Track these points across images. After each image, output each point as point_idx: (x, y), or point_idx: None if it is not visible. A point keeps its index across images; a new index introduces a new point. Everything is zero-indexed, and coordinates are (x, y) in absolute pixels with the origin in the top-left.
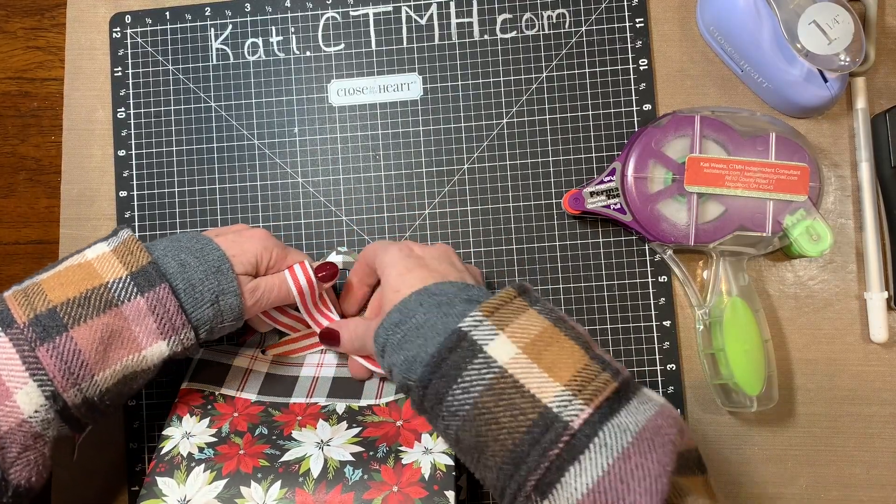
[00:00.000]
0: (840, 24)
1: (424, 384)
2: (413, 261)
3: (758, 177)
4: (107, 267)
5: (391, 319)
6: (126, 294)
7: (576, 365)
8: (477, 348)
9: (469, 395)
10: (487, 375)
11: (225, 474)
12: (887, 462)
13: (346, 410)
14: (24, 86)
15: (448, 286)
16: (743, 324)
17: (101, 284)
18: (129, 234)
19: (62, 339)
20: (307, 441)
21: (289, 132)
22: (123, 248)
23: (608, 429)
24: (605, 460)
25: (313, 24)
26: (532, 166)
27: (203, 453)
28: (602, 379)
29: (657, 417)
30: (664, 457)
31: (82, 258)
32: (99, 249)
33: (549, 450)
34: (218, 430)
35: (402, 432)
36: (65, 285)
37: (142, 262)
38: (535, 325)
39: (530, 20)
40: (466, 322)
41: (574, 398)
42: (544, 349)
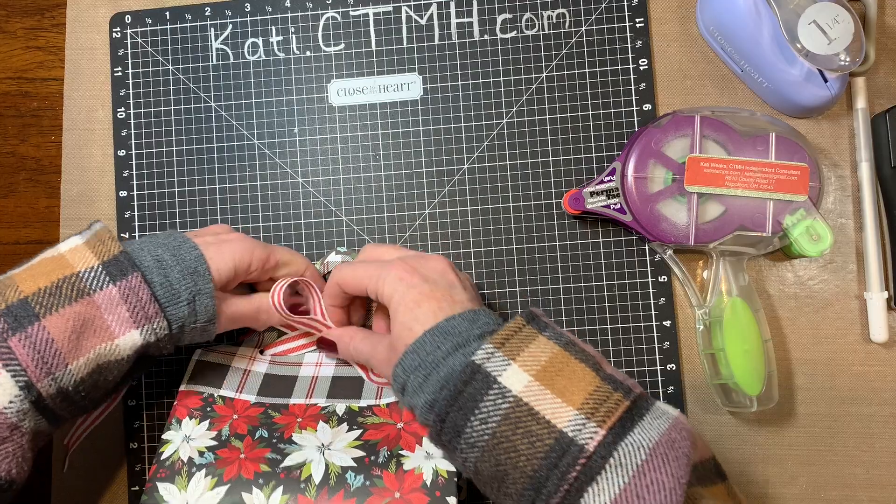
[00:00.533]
0: (840, 24)
1: (442, 418)
2: (417, 292)
3: (758, 177)
4: (78, 257)
5: (410, 362)
6: (98, 283)
7: (587, 388)
8: (491, 379)
9: (487, 426)
10: (503, 405)
11: (226, 480)
12: (887, 462)
13: (346, 411)
14: (24, 86)
15: (459, 322)
16: (743, 324)
17: (72, 274)
18: (102, 227)
19: (34, 329)
20: (308, 445)
21: (289, 132)
22: (95, 239)
23: (622, 448)
24: (621, 479)
25: (313, 24)
26: (532, 166)
27: (204, 458)
28: (614, 399)
29: (671, 431)
30: (678, 469)
31: (55, 252)
32: (72, 242)
33: (567, 473)
34: (218, 433)
35: (403, 435)
36: (36, 276)
37: (113, 251)
38: (545, 352)
39: (530, 20)
40: (479, 355)
41: (588, 421)
42: (556, 375)
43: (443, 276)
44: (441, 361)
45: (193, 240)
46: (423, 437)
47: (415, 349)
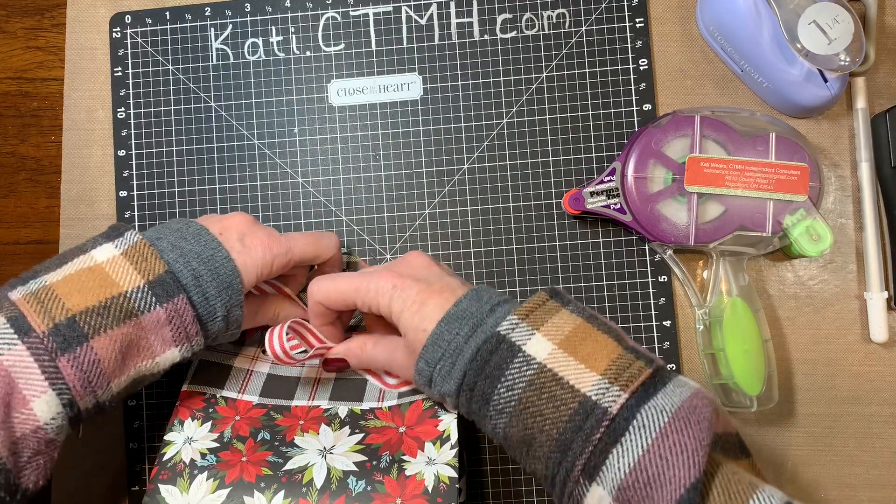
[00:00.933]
0: (840, 24)
1: (471, 387)
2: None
3: (758, 177)
4: (121, 273)
5: (432, 355)
6: (145, 304)
7: (610, 356)
8: (516, 348)
9: (513, 392)
10: (528, 372)
11: (228, 483)
12: (887, 462)
13: (348, 414)
14: (24, 86)
15: (467, 304)
16: (743, 324)
17: (119, 294)
18: (139, 238)
19: (83, 350)
20: (310, 448)
21: (289, 132)
22: (135, 252)
23: (645, 411)
24: (644, 440)
25: (313, 24)
26: (532, 166)
27: (205, 460)
28: (636, 367)
29: (693, 398)
30: (700, 433)
31: (91, 260)
32: (107, 251)
33: (591, 435)
34: (220, 435)
35: (404, 439)
36: (82, 292)
37: (158, 270)
38: (568, 323)
39: (530, 20)
40: (504, 326)
41: (611, 385)
42: (579, 344)
43: (429, 270)
44: (464, 345)
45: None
46: (424, 441)
47: (434, 341)
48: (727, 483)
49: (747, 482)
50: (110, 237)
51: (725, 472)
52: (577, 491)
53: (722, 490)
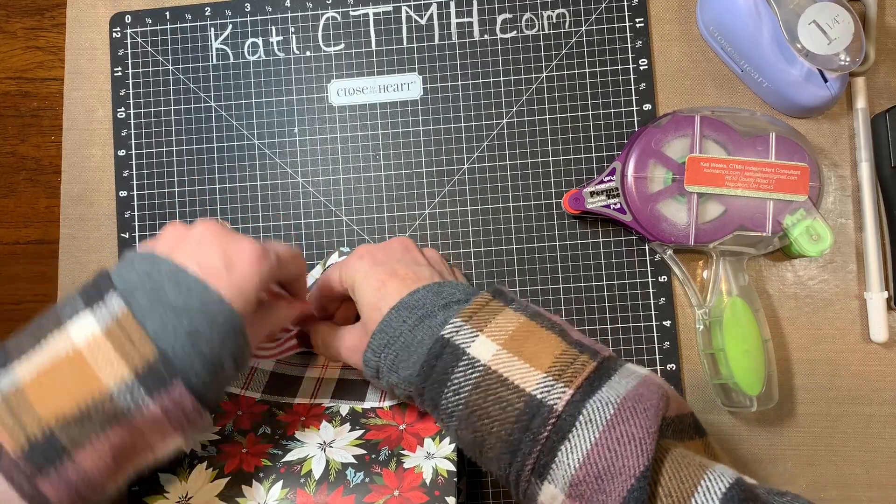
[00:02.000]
0: (840, 24)
1: (420, 392)
2: (381, 270)
3: (758, 177)
4: (103, 363)
5: (378, 342)
6: (134, 401)
7: (554, 352)
8: (460, 351)
9: (460, 396)
10: (473, 375)
11: (227, 473)
12: (887, 462)
13: (349, 412)
14: (24, 86)
15: (423, 294)
16: (743, 324)
17: (101, 395)
18: (122, 308)
19: (66, 468)
20: (310, 442)
21: (289, 132)
22: (118, 330)
23: (591, 405)
24: (591, 434)
25: (313, 24)
26: (532, 166)
27: (206, 451)
28: (580, 361)
29: (639, 387)
30: (647, 420)
31: (68, 344)
32: (86, 328)
33: (538, 434)
34: (222, 429)
35: (404, 436)
36: (56, 394)
37: (147, 355)
38: (511, 322)
39: (530, 20)
40: (448, 329)
41: (556, 382)
42: (523, 343)
43: (406, 254)
44: (408, 335)
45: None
46: (424, 437)
47: (382, 328)
48: (677, 467)
49: (697, 464)
50: (89, 300)
51: (675, 457)
52: (531, 490)
53: (672, 475)
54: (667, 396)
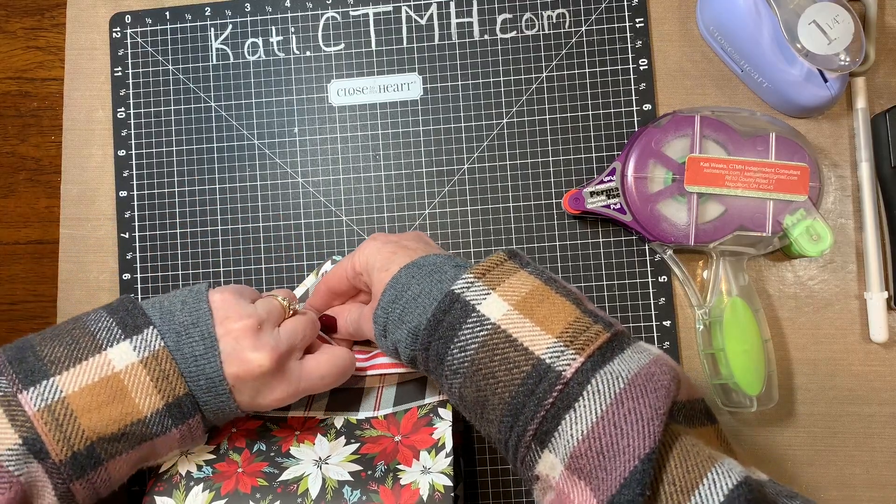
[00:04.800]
0: (840, 24)
1: (426, 346)
2: (393, 245)
3: (758, 177)
4: (141, 392)
5: (387, 297)
6: (162, 428)
7: (567, 318)
8: (470, 308)
9: (466, 353)
10: (481, 333)
11: (224, 494)
12: (887, 462)
13: (344, 424)
14: (24, 86)
15: (434, 257)
16: (743, 324)
17: (139, 420)
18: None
19: (97, 473)
20: (305, 458)
21: (289, 132)
22: (156, 365)
23: (600, 376)
24: (598, 406)
25: (313, 24)
26: (532, 166)
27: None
28: (594, 330)
29: (651, 365)
30: (657, 401)
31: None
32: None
33: (544, 399)
34: (216, 447)
35: (400, 448)
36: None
37: (178, 392)
38: (525, 284)
39: (530, 20)
40: (459, 284)
41: (566, 348)
42: (536, 305)
43: (417, 242)
44: (416, 287)
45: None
46: (420, 450)
47: (391, 284)
48: (685, 455)
49: (706, 455)
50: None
51: (684, 444)
52: (529, 456)
53: (679, 462)
54: (678, 378)
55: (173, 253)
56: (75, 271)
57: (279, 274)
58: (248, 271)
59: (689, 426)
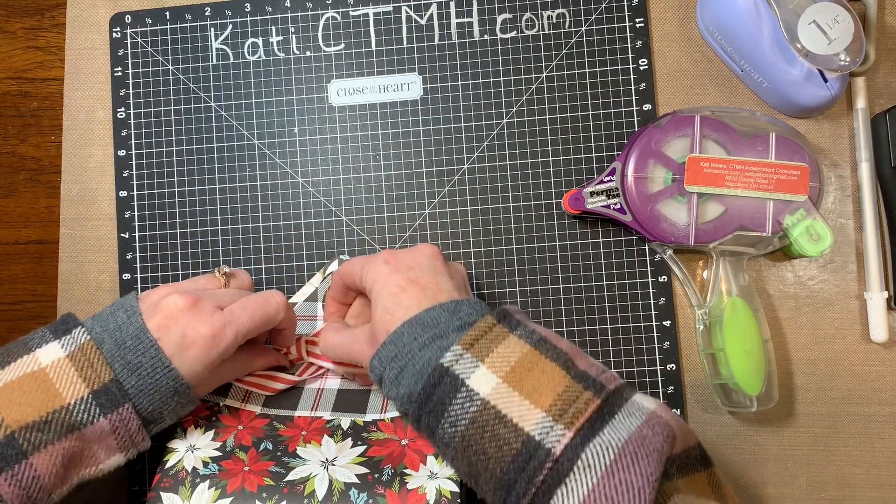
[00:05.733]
0: (840, 24)
1: (416, 419)
2: (403, 276)
3: (758, 177)
4: (65, 381)
5: (387, 353)
6: (88, 416)
7: (556, 388)
8: (459, 382)
9: (456, 429)
10: (471, 409)
11: (230, 492)
12: (887, 462)
13: (350, 426)
14: (24, 86)
15: (440, 313)
16: (743, 324)
17: (62, 407)
18: (86, 338)
19: (21, 468)
20: (312, 459)
21: (289, 132)
22: (81, 356)
23: (590, 449)
24: (589, 480)
25: (313, 24)
26: (532, 166)
27: (208, 468)
28: (584, 399)
29: (643, 428)
30: (648, 468)
31: (35, 363)
32: (52, 353)
33: (534, 477)
34: (223, 444)
35: (407, 452)
36: (21, 404)
37: (104, 378)
38: (514, 353)
39: (530, 20)
40: (447, 357)
41: (555, 423)
42: (525, 375)
43: (430, 263)
44: (416, 354)
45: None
46: (427, 455)
47: (392, 340)
48: None
49: None
50: (57, 333)
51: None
52: None
53: None
54: (673, 435)
55: (173, 253)
56: (75, 271)
57: (279, 274)
58: (248, 271)
59: (682, 476)
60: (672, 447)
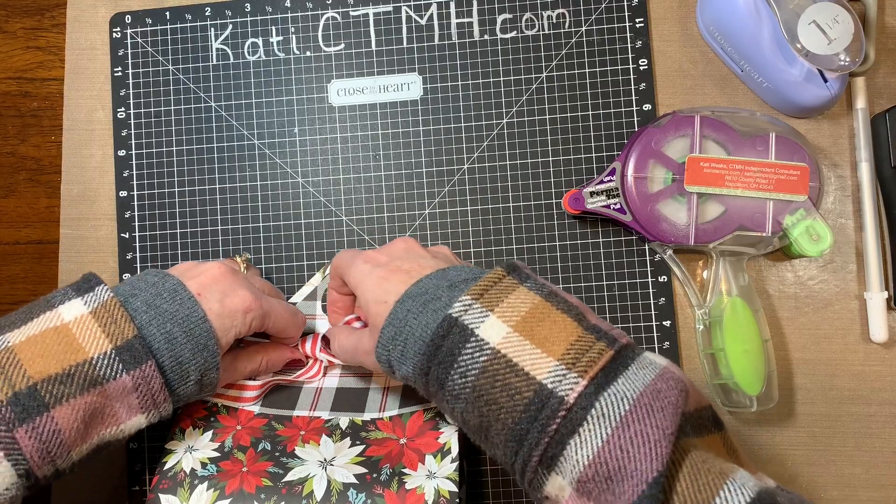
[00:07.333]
0: (840, 24)
1: (425, 371)
2: (383, 269)
3: (758, 177)
4: (88, 337)
5: (387, 335)
6: (111, 372)
7: (569, 338)
8: (468, 332)
9: (466, 380)
10: (481, 358)
11: (228, 493)
12: (887, 462)
13: (349, 425)
14: (24, 86)
15: (426, 281)
16: (743, 324)
17: (84, 360)
18: (109, 295)
19: (42, 420)
20: (310, 459)
21: (289, 132)
22: (104, 313)
23: (604, 398)
24: (604, 430)
25: (313, 24)
26: (532, 166)
27: (206, 469)
28: (597, 349)
29: (657, 381)
30: (664, 420)
31: (57, 319)
32: (76, 310)
33: (547, 426)
34: (221, 445)
35: (405, 451)
36: (44, 357)
37: (127, 334)
38: (525, 303)
39: (530, 20)
40: (456, 308)
41: (568, 371)
42: (536, 325)
43: (407, 253)
44: (414, 322)
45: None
46: (425, 454)
47: (389, 321)
48: (696, 473)
49: (717, 471)
50: (80, 291)
51: (694, 461)
52: (537, 479)
53: (690, 482)
54: (686, 390)
55: (173, 253)
56: (75, 271)
57: (279, 274)
58: None
59: (697, 436)
60: (686, 402)
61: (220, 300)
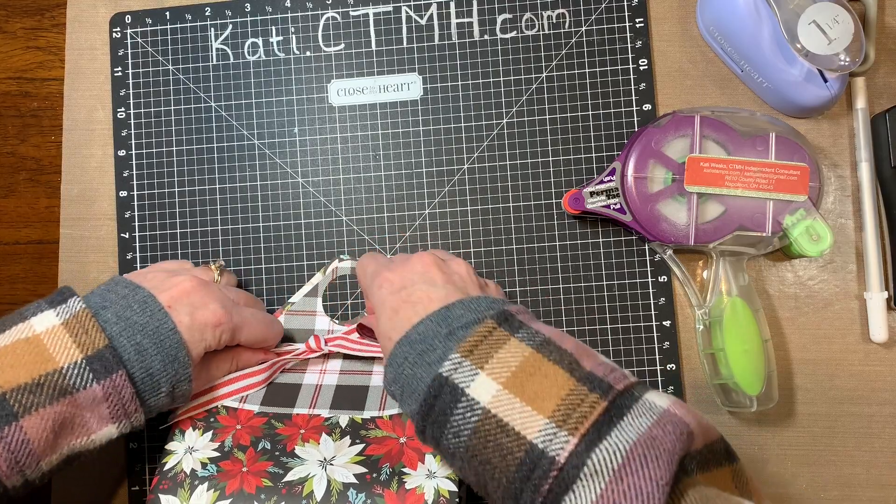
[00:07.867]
0: (840, 24)
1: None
2: (396, 298)
3: (758, 177)
4: (59, 347)
5: (389, 375)
6: (81, 381)
7: (559, 392)
8: (459, 392)
9: (460, 440)
10: (472, 418)
11: (228, 494)
12: (887, 462)
13: (349, 424)
14: (24, 86)
15: (426, 325)
16: (743, 324)
17: (54, 370)
18: (81, 307)
19: (11, 430)
20: (310, 459)
21: (289, 132)
22: (76, 323)
23: (596, 454)
24: (597, 485)
25: (313, 24)
26: (532, 166)
27: (206, 470)
28: (588, 402)
29: (653, 428)
30: (657, 470)
31: (29, 330)
32: (47, 321)
33: (540, 486)
34: (221, 445)
35: (405, 450)
36: (14, 367)
37: (98, 344)
38: (515, 356)
39: (530, 20)
40: (446, 367)
41: (559, 430)
42: (527, 380)
43: (424, 276)
44: (409, 372)
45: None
46: (425, 453)
47: (390, 363)
48: None
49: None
50: (53, 303)
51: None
52: None
53: None
54: (687, 433)
55: (173, 253)
56: (75, 271)
57: (279, 274)
58: (247, 271)
59: (703, 472)
60: (689, 444)
61: (190, 313)
